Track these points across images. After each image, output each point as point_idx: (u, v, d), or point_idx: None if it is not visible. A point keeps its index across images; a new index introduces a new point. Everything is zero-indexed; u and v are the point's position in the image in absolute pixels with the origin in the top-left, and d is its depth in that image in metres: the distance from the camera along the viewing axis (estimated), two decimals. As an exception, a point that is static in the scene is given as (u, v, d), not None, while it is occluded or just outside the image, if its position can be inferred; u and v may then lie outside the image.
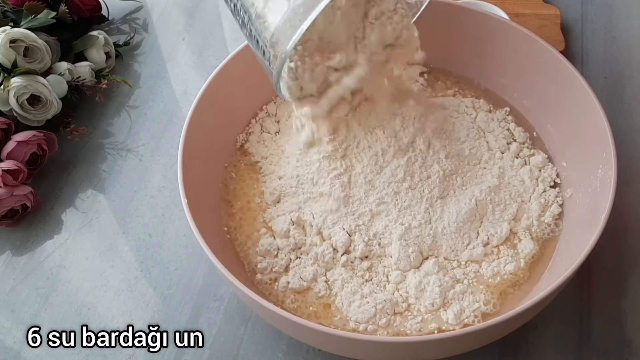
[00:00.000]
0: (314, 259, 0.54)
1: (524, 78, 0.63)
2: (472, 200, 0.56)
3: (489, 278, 0.53)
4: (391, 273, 0.54)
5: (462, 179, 0.58)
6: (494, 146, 0.60)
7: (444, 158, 0.57)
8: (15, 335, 0.57)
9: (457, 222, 0.55)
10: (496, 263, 0.54)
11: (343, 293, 0.52)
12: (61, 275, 0.61)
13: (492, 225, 0.55)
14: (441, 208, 0.55)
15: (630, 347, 0.53)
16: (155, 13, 0.85)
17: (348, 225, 0.55)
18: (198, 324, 0.56)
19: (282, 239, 0.55)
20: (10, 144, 0.64)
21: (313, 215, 0.56)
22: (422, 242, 0.54)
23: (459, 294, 0.52)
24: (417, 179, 0.56)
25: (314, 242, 0.55)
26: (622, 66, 0.74)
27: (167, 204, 0.65)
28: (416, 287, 0.52)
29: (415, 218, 0.55)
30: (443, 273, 0.53)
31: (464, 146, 0.60)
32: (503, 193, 0.57)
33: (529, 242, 0.55)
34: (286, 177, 0.59)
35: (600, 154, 0.53)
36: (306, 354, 0.54)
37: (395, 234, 0.54)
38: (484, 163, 0.60)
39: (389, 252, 0.54)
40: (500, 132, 0.62)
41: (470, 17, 0.63)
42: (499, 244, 0.55)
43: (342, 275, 0.53)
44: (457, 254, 0.54)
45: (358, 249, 0.54)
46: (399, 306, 0.52)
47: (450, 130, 0.60)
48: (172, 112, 0.73)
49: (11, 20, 0.71)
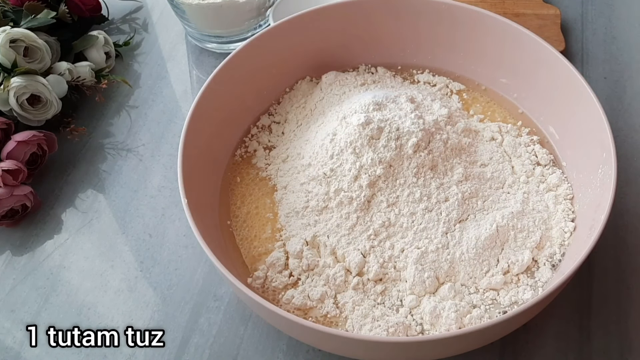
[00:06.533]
0: (325, 280, 0.53)
1: (524, 78, 0.63)
2: (493, 226, 0.54)
3: (506, 307, 0.51)
4: (405, 297, 0.52)
5: (483, 202, 0.56)
6: (519, 170, 0.59)
7: (464, 180, 0.56)
8: (15, 335, 0.57)
9: (477, 248, 0.53)
10: (514, 292, 0.52)
11: (354, 316, 0.51)
12: (61, 275, 0.61)
13: (514, 252, 0.53)
14: (460, 232, 0.54)
15: (630, 347, 0.53)
16: (155, 13, 0.85)
17: (363, 246, 0.54)
18: (198, 324, 0.56)
19: (295, 259, 0.54)
20: (10, 144, 0.64)
21: (328, 235, 0.55)
22: (439, 267, 0.53)
23: (476, 320, 0.50)
24: (434, 201, 0.55)
25: (327, 263, 0.54)
26: (622, 66, 0.74)
27: (167, 204, 0.65)
28: (431, 313, 0.50)
29: (432, 242, 0.53)
30: (459, 298, 0.52)
31: (486, 169, 0.58)
32: (527, 219, 0.55)
33: (547, 271, 0.53)
34: (299, 190, 0.58)
35: (600, 154, 0.53)
36: (306, 354, 0.54)
37: (411, 258, 0.53)
38: (508, 187, 0.58)
39: (404, 276, 0.53)
40: (527, 157, 0.60)
41: (471, 17, 0.63)
42: (520, 273, 0.53)
43: (352, 297, 0.52)
44: (475, 281, 0.53)
45: (372, 271, 0.53)
46: (412, 330, 0.50)
47: (472, 152, 0.59)
48: (172, 112, 0.73)
49: (11, 20, 0.71)
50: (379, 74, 0.68)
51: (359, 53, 0.69)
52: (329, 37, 0.67)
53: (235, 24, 0.75)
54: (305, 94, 0.67)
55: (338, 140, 0.57)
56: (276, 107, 0.67)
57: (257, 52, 0.63)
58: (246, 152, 0.64)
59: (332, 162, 0.57)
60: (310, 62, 0.68)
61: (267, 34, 0.63)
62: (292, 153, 0.62)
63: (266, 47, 0.64)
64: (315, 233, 0.55)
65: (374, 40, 0.68)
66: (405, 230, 0.54)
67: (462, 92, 0.67)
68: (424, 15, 0.65)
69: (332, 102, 0.64)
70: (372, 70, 0.69)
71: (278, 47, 0.65)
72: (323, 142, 0.58)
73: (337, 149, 0.57)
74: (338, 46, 0.68)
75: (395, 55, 0.69)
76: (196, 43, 0.79)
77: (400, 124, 0.56)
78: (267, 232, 0.57)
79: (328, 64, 0.68)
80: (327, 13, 0.65)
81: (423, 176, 0.56)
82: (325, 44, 0.67)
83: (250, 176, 0.62)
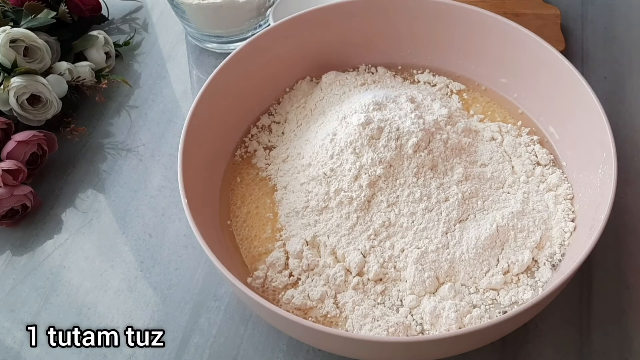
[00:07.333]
0: (325, 280, 0.53)
1: (524, 78, 0.63)
2: (493, 226, 0.54)
3: (506, 307, 0.51)
4: (405, 297, 0.52)
5: (483, 202, 0.56)
6: (519, 170, 0.59)
7: (464, 180, 0.56)
8: (15, 335, 0.57)
9: (477, 247, 0.53)
10: (514, 292, 0.52)
11: (354, 316, 0.51)
12: (61, 275, 0.61)
13: (514, 252, 0.53)
14: (460, 232, 0.54)
15: (630, 347, 0.53)
16: (155, 13, 0.85)
17: (363, 246, 0.54)
18: (198, 324, 0.56)
19: (295, 259, 0.54)
20: (10, 144, 0.64)
21: (328, 235, 0.55)
22: (439, 267, 0.53)
23: (476, 319, 0.50)
24: (434, 200, 0.55)
25: (327, 263, 0.54)
26: (622, 66, 0.74)
27: (167, 204, 0.65)
28: (431, 313, 0.50)
29: (432, 242, 0.53)
30: (459, 298, 0.52)
31: (486, 169, 0.58)
32: (527, 219, 0.55)
33: (547, 271, 0.53)
34: (299, 190, 0.58)
35: (600, 154, 0.53)
36: (306, 354, 0.54)
37: (411, 258, 0.53)
38: (508, 187, 0.58)
39: (404, 276, 0.53)
40: (527, 157, 0.60)
41: (471, 17, 0.63)
42: (520, 273, 0.53)
43: (352, 297, 0.52)
44: (475, 281, 0.53)
45: (372, 271, 0.53)
46: (412, 330, 0.50)
47: (472, 152, 0.59)
48: (172, 112, 0.73)
49: (11, 20, 0.71)
50: (379, 73, 0.68)
51: (359, 53, 0.69)
52: (329, 37, 0.67)
53: (235, 24, 0.75)
54: (305, 94, 0.67)
55: (338, 140, 0.57)
56: (276, 107, 0.67)
57: (257, 52, 0.63)
58: (246, 152, 0.64)
59: (332, 162, 0.57)
60: (310, 62, 0.68)
61: (267, 34, 0.63)
62: (292, 153, 0.62)
63: (266, 47, 0.64)
64: (315, 233, 0.55)
65: (374, 40, 0.68)
66: (405, 230, 0.54)
67: (462, 92, 0.67)
68: (424, 15, 0.65)
69: (332, 102, 0.64)
70: (372, 70, 0.69)
71: (278, 47, 0.65)
72: (323, 142, 0.58)
73: (337, 148, 0.57)
74: (338, 46, 0.68)
75: (395, 55, 0.69)
76: (196, 43, 0.79)
77: (401, 123, 0.56)
78: (267, 232, 0.57)
79: (328, 64, 0.68)
80: (327, 13, 0.65)
81: (423, 176, 0.56)
82: (325, 44, 0.67)
83: (250, 176, 0.62)
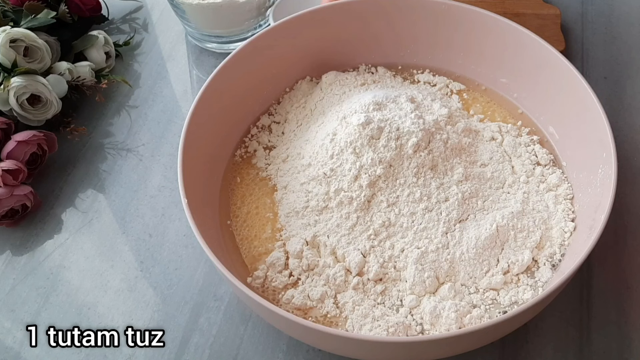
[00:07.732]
0: (325, 280, 0.53)
1: (524, 78, 0.63)
2: (493, 226, 0.54)
3: (506, 307, 0.51)
4: (405, 297, 0.52)
5: (483, 202, 0.56)
6: (520, 170, 0.59)
7: (464, 180, 0.56)
8: (15, 335, 0.57)
9: (477, 247, 0.53)
10: (514, 292, 0.52)
11: (354, 316, 0.51)
12: (61, 275, 0.61)
13: (514, 252, 0.53)
14: (460, 232, 0.54)
15: (630, 347, 0.53)
16: (155, 13, 0.85)
17: (363, 246, 0.54)
18: (198, 324, 0.56)
19: (295, 259, 0.54)
20: (10, 144, 0.64)
21: (328, 235, 0.55)
22: (439, 267, 0.53)
23: (476, 320, 0.50)
24: (434, 200, 0.55)
25: (327, 263, 0.54)
26: (622, 66, 0.74)
27: (167, 204, 0.65)
28: (431, 313, 0.50)
29: (432, 242, 0.53)
30: (459, 298, 0.52)
31: (486, 169, 0.58)
32: (527, 219, 0.55)
33: (547, 271, 0.53)
34: (299, 190, 0.58)
35: (600, 154, 0.53)
36: (306, 354, 0.54)
37: (411, 258, 0.53)
38: (508, 187, 0.58)
39: (404, 276, 0.53)
40: (527, 157, 0.60)
41: (471, 17, 0.63)
42: (520, 273, 0.53)
43: (352, 297, 0.52)
44: (475, 281, 0.53)
45: (372, 271, 0.53)
46: (412, 330, 0.50)
47: (472, 152, 0.59)
48: (172, 112, 0.73)
49: (11, 20, 0.71)
50: (379, 73, 0.68)
51: (359, 53, 0.69)
52: (329, 37, 0.67)
53: (235, 24, 0.75)
54: (305, 94, 0.67)
55: (338, 140, 0.57)
56: (276, 107, 0.67)
57: (257, 52, 0.63)
58: (246, 152, 0.64)
59: (332, 162, 0.57)
60: (310, 62, 0.68)
61: (266, 34, 0.63)
62: (292, 153, 0.62)
63: (266, 47, 0.64)
64: (315, 233, 0.55)
65: (374, 40, 0.68)
66: (405, 230, 0.54)
67: (462, 92, 0.67)
68: (424, 15, 0.65)
69: (332, 102, 0.64)
70: (372, 70, 0.69)
71: (278, 47, 0.65)
72: (323, 142, 0.58)
73: (337, 148, 0.57)
74: (338, 46, 0.68)
75: (395, 55, 0.69)
76: (196, 43, 0.79)
77: (401, 123, 0.56)
78: (267, 232, 0.57)
79: (328, 63, 0.68)
80: (327, 13, 0.65)
81: (423, 176, 0.56)
82: (325, 44, 0.67)
83: (250, 176, 0.62)
